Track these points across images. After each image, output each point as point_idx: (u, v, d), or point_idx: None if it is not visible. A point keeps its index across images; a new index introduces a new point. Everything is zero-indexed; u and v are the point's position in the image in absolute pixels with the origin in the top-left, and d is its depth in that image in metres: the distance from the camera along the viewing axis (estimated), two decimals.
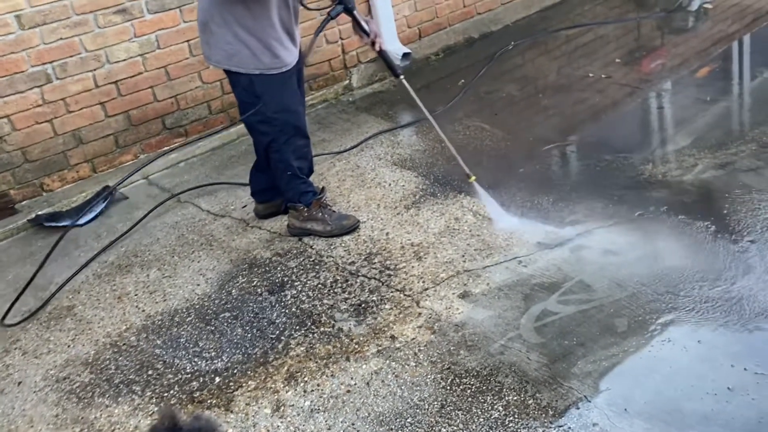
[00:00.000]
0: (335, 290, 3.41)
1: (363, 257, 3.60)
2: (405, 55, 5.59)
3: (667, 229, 3.50)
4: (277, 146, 3.61)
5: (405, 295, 3.30)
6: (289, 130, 3.59)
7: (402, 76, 3.78)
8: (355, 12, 3.49)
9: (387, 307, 3.25)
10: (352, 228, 3.78)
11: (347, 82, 5.54)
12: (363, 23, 3.54)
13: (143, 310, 3.48)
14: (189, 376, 3.04)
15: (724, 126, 4.39)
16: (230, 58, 3.43)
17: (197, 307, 3.45)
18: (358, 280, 3.45)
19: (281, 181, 3.77)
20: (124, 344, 3.28)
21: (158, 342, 3.26)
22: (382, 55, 3.67)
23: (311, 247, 3.74)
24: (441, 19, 6.01)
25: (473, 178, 3.85)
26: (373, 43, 3.59)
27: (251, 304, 3.41)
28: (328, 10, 3.45)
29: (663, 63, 5.41)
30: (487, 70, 5.59)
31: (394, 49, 5.55)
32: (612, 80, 5.18)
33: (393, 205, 3.99)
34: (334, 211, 3.83)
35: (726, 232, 3.40)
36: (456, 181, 4.12)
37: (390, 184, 4.20)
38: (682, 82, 5.07)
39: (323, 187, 3.88)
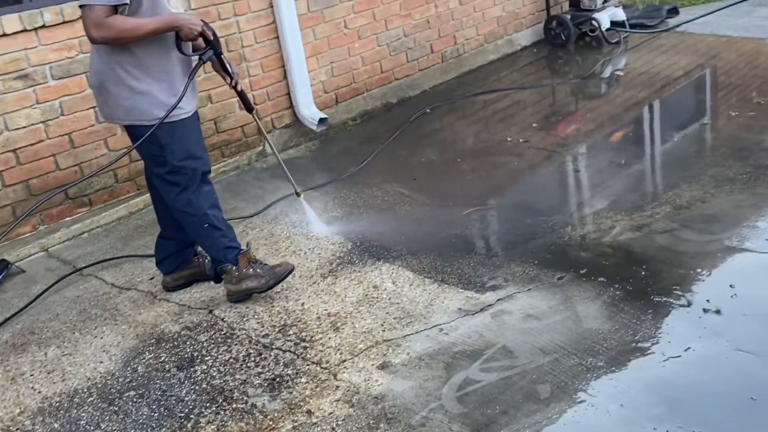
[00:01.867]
0: (248, 364, 3.35)
1: (277, 329, 3.56)
2: (321, 120, 5.67)
3: (587, 292, 3.59)
4: (187, 198, 3.61)
5: (322, 367, 3.27)
6: (198, 177, 3.61)
7: (255, 110, 4.08)
8: (222, 56, 3.67)
9: (303, 380, 3.20)
10: (288, 273, 3.79)
11: (261, 148, 5.56)
12: (227, 65, 3.71)
13: (39, 392, 3.33)
14: None
15: (639, 189, 4.58)
16: (129, 113, 3.47)
17: (100, 386, 3.33)
18: (272, 354, 3.40)
19: (202, 239, 3.75)
20: (17, 429, 3.12)
21: (55, 426, 3.12)
22: (241, 95, 3.88)
23: (222, 319, 3.68)
24: (358, 84, 6.14)
25: (302, 195, 4.36)
26: (235, 84, 3.76)
27: (158, 382, 3.31)
28: (200, 54, 3.58)
29: (578, 128, 5.64)
30: (405, 134, 5.71)
31: (310, 113, 5.63)
32: (529, 144, 5.36)
33: (309, 274, 3.98)
34: (264, 264, 3.83)
35: (644, 293, 3.51)
36: (374, 248, 4.15)
37: (305, 252, 4.20)
38: (597, 146, 5.29)
39: (249, 242, 3.89)
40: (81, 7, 3.28)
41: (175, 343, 3.56)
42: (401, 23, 6.34)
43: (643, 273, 3.67)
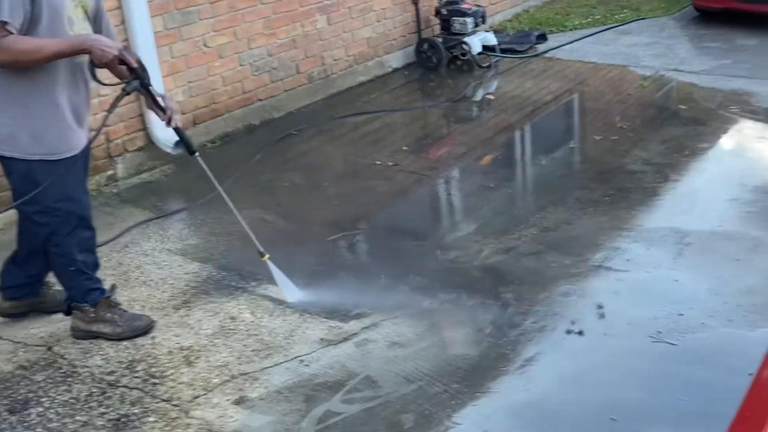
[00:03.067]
0: (90, 404, 3.21)
1: (124, 365, 3.43)
2: (177, 143, 5.54)
3: (454, 317, 3.66)
4: (57, 239, 3.43)
5: (172, 404, 3.17)
6: (72, 221, 3.42)
7: (197, 154, 3.78)
8: (150, 88, 3.46)
9: (151, 419, 3.10)
10: (146, 329, 3.65)
11: (112, 172, 5.39)
12: (159, 99, 3.52)
13: None
14: None
15: (508, 212, 4.72)
16: (4, 143, 3.24)
17: None
18: (117, 392, 3.27)
19: (64, 279, 3.59)
20: None
21: None
22: (178, 132, 3.68)
23: (63, 357, 3.52)
24: (218, 105, 6.07)
25: (267, 256, 3.87)
26: (169, 120, 3.55)
27: None
28: (122, 85, 3.39)
29: (449, 151, 5.77)
30: (269, 157, 5.68)
31: (165, 136, 5.51)
32: (399, 168, 5.44)
33: (160, 306, 3.87)
34: (125, 311, 3.68)
35: (510, 317, 3.60)
36: (232, 276, 4.09)
37: (157, 283, 4.09)
38: (468, 170, 5.43)
39: (113, 285, 3.73)
40: None
41: (8, 384, 3.37)
42: (265, 42, 6.32)
43: (509, 296, 3.78)
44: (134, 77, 3.36)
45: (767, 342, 1.80)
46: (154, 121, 5.50)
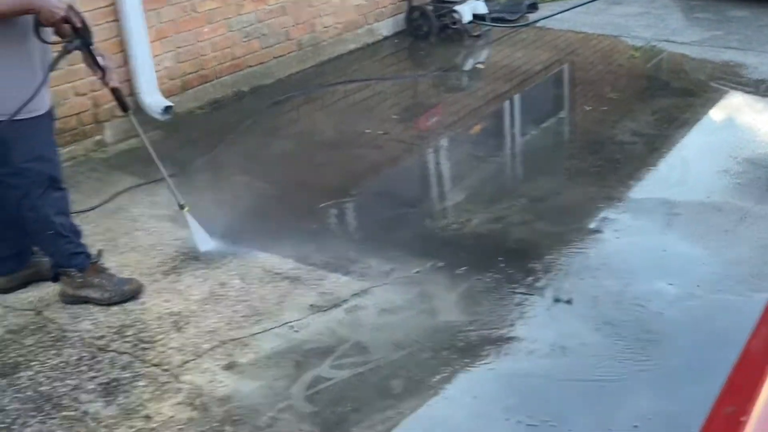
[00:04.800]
0: (80, 369, 3.22)
1: (114, 330, 3.44)
2: (166, 109, 5.52)
3: (444, 285, 3.68)
4: (31, 202, 3.41)
5: (162, 369, 3.19)
6: (43, 182, 3.41)
7: (131, 111, 3.87)
8: (92, 47, 3.45)
9: (141, 384, 3.11)
10: (135, 294, 3.66)
11: (100, 137, 5.36)
12: (98, 58, 3.49)
13: None
14: None
15: (497, 181, 4.74)
16: None
17: None
18: (107, 356, 3.28)
19: (44, 245, 3.58)
20: None
21: None
22: (115, 92, 3.68)
23: (52, 321, 3.52)
24: (207, 71, 6.03)
25: (187, 208, 4.01)
26: (107, 79, 3.54)
27: None
28: (65, 43, 3.37)
29: (438, 120, 5.77)
30: (259, 124, 5.66)
31: (154, 101, 5.48)
32: (389, 137, 5.43)
33: (150, 272, 3.87)
34: (113, 275, 3.68)
35: (500, 285, 3.63)
36: (221, 242, 4.08)
37: (146, 249, 4.08)
38: (457, 139, 5.43)
39: (100, 250, 3.72)
40: None
41: None
42: (254, 8, 6.27)
43: (499, 265, 3.79)
44: (77, 36, 3.35)
45: (756, 311, 1.82)
46: (143, 86, 5.48)
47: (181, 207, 4.03)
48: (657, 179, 4.61)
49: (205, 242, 4.05)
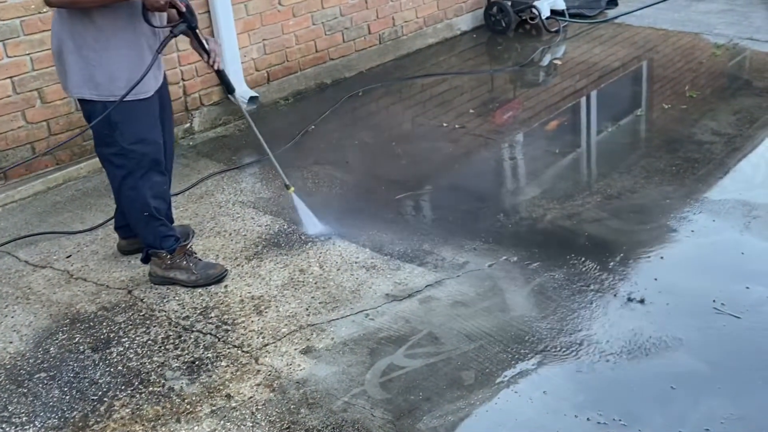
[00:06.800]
0: (167, 347, 3.31)
1: (198, 311, 3.53)
2: (252, 99, 5.61)
3: (516, 279, 3.65)
4: (132, 182, 3.52)
5: (243, 351, 3.25)
6: (145, 164, 3.50)
7: (235, 92, 3.91)
8: (197, 30, 3.50)
9: (223, 364, 3.18)
10: (219, 278, 3.73)
11: (188, 125, 5.48)
12: (204, 41, 3.55)
13: None
14: None
15: (572, 178, 4.66)
16: (84, 84, 3.33)
17: (8, 367, 3.25)
18: (192, 336, 3.37)
19: (138, 225, 3.68)
20: None
21: None
22: (220, 74, 3.73)
23: (142, 300, 3.63)
24: (291, 63, 6.10)
25: (292, 189, 4.10)
26: (213, 62, 3.59)
27: (71, 363, 3.25)
28: (171, 27, 3.43)
29: (515, 115, 5.71)
30: (339, 115, 5.70)
31: (241, 92, 5.57)
32: (465, 130, 5.40)
33: (233, 256, 3.95)
34: (199, 260, 3.78)
35: (572, 282, 3.58)
36: (302, 230, 4.13)
37: (230, 234, 4.17)
38: (533, 135, 5.36)
39: (188, 234, 3.84)
40: None
41: (91, 323, 3.49)
42: (338, 2, 6.30)
43: (572, 261, 3.74)
44: (182, 20, 3.41)
45: None
46: (230, 76, 5.56)
47: (287, 187, 4.11)
48: (736, 180, 4.46)
49: (314, 225, 4.11)
